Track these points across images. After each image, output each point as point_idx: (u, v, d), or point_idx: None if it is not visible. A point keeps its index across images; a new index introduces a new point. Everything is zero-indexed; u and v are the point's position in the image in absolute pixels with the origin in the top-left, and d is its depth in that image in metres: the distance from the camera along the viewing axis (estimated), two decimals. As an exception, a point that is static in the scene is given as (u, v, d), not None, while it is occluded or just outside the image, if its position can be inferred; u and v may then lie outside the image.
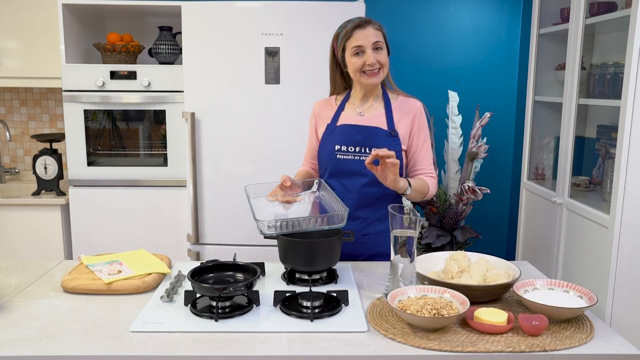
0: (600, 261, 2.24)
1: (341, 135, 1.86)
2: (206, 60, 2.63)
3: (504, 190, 3.45)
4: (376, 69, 1.79)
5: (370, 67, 1.78)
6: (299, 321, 1.36)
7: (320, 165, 1.96)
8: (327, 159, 1.89)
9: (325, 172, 1.92)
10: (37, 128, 3.38)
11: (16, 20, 2.93)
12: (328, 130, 1.90)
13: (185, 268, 1.75)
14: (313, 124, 1.99)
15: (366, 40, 1.77)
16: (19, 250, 2.88)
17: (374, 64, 1.77)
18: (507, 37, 3.29)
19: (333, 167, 1.88)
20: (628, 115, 2.07)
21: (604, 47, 2.66)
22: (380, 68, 1.80)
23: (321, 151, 1.92)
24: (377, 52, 1.78)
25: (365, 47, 1.77)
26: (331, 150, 1.87)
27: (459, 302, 1.36)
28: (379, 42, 1.78)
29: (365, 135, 1.82)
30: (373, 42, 1.77)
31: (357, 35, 1.77)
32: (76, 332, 1.30)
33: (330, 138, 1.88)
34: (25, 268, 1.75)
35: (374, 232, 1.89)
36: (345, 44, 1.80)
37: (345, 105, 1.93)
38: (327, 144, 1.89)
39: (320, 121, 1.96)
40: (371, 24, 1.79)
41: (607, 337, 1.30)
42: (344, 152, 1.85)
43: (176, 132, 2.80)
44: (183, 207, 2.81)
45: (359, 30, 1.78)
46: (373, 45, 1.77)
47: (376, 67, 1.78)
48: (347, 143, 1.84)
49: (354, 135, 1.84)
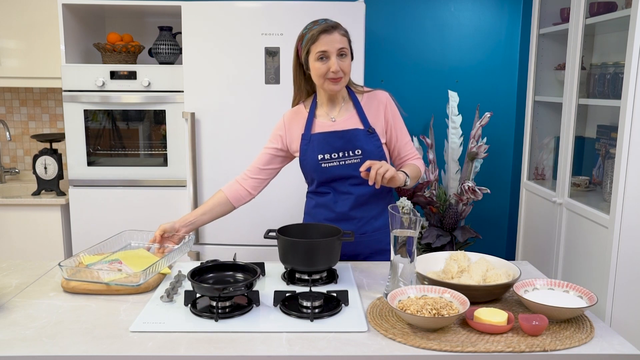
0: (600, 261, 2.24)
1: (321, 144, 1.83)
2: (206, 60, 2.63)
3: (504, 190, 3.45)
4: (339, 76, 1.76)
5: (334, 74, 1.74)
6: (299, 321, 1.36)
7: (305, 176, 1.94)
8: (312, 170, 1.86)
9: (313, 182, 1.90)
10: (37, 128, 3.38)
11: (16, 20, 2.93)
12: (304, 141, 1.86)
13: (185, 268, 1.75)
14: (281, 132, 1.91)
15: (331, 45, 1.73)
16: (19, 250, 2.88)
17: (338, 71, 1.74)
18: (507, 37, 3.30)
19: (320, 177, 1.86)
20: (628, 115, 2.07)
21: (604, 47, 2.66)
22: (342, 76, 1.77)
23: (303, 162, 1.88)
24: (341, 59, 1.75)
25: (330, 53, 1.73)
26: (314, 161, 1.84)
27: (459, 302, 1.36)
28: (344, 49, 1.75)
29: (345, 140, 1.82)
30: (338, 49, 1.74)
31: (323, 40, 1.73)
32: (76, 332, 1.30)
33: (310, 148, 1.85)
34: (25, 268, 1.75)
35: (370, 231, 1.89)
36: (310, 48, 1.76)
37: (316, 112, 1.89)
38: (307, 155, 1.85)
39: (290, 133, 1.89)
40: (337, 29, 1.76)
41: (607, 337, 1.30)
42: (328, 159, 1.83)
43: (176, 132, 2.80)
44: (183, 207, 2.81)
45: (325, 35, 1.73)
46: (338, 51, 1.74)
47: (339, 74, 1.75)
48: (329, 150, 1.83)
49: (334, 141, 1.82)
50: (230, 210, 1.92)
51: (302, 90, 1.92)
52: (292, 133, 1.90)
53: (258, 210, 2.73)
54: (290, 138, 1.90)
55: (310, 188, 1.95)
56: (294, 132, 1.89)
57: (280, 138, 1.91)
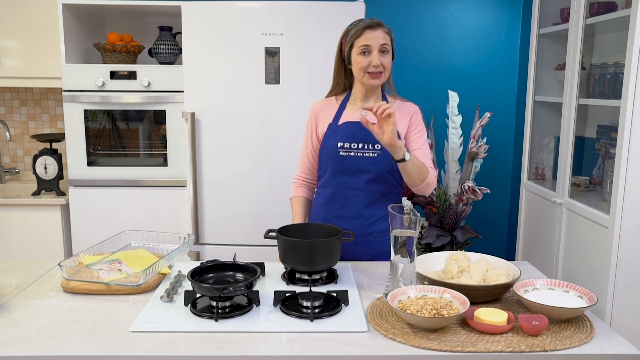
0: (600, 261, 2.24)
1: (344, 132, 1.87)
2: (206, 60, 2.63)
3: (504, 190, 3.45)
4: (379, 71, 1.81)
5: (375, 68, 1.80)
6: (299, 321, 1.36)
7: (320, 165, 1.95)
8: (329, 157, 1.88)
9: (327, 171, 1.91)
10: (37, 128, 3.38)
11: (16, 20, 2.93)
12: (330, 130, 1.90)
13: (185, 268, 1.75)
14: (312, 123, 1.98)
15: (374, 41, 1.79)
16: (19, 250, 2.88)
17: (378, 65, 1.80)
18: (507, 37, 3.30)
19: (335, 165, 1.87)
20: (628, 115, 2.07)
21: (604, 47, 2.66)
22: (382, 71, 1.82)
23: (322, 150, 1.92)
24: (383, 55, 1.81)
25: (372, 48, 1.79)
26: (333, 148, 1.87)
27: (459, 302, 1.36)
28: (385, 45, 1.81)
29: (367, 132, 1.82)
30: (381, 44, 1.80)
31: (367, 35, 1.80)
32: (76, 332, 1.30)
33: (333, 137, 1.88)
34: (25, 268, 1.75)
35: (377, 231, 1.89)
36: (354, 42, 1.82)
37: (347, 105, 1.94)
38: (329, 143, 1.89)
39: (320, 120, 1.95)
40: (382, 27, 1.83)
41: (607, 337, 1.30)
42: (347, 149, 1.86)
43: (176, 132, 2.79)
44: (183, 207, 2.81)
45: (369, 30, 1.80)
46: (380, 47, 1.80)
47: (380, 69, 1.81)
48: (350, 140, 1.86)
49: (357, 132, 1.85)
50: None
51: (340, 85, 1.97)
52: (322, 118, 1.95)
53: (258, 210, 2.73)
54: (320, 122, 1.95)
55: (320, 182, 1.96)
56: (323, 118, 1.95)
57: (314, 127, 1.97)
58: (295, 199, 2.03)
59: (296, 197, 2.03)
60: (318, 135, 1.96)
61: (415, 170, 1.76)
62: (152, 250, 1.85)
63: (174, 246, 1.80)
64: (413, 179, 1.77)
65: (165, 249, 1.85)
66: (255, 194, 2.72)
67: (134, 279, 1.52)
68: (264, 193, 2.72)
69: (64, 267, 1.55)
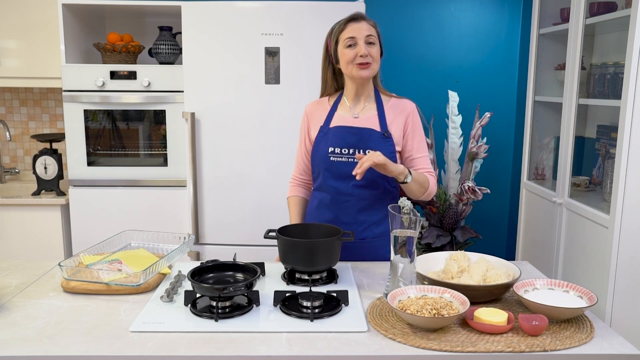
0: (600, 261, 2.24)
1: (335, 137, 1.84)
2: (206, 60, 2.63)
3: (504, 190, 3.45)
4: (367, 61, 1.77)
5: (362, 58, 1.76)
6: (299, 321, 1.36)
7: (313, 169, 1.94)
8: (321, 161, 1.86)
9: (319, 175, 1.89)
10: (37, 128, 3.38)
11: (16, 20, 2.93)
12: (321, 133, 1.88)
13: (185, 268, 1.74)
14: (305, 125, 1.96)
15: (359, 32, 1.77)
16: (19, 250, 2.88)
17: (366, 55, 1.76)
18: (507, 37, 3.30)
19: (327, 170, 1.85)
20: (628, 115, 2.07)
21: (604, 47, 2.66)
22: (371, 62, 1.78)
23: (314, 154, 1.89)
24: (370, 46, 1.78)
25: (357, 39, 1.77)
26: (324, 153, 1.84)
27: (459, 302, 1.36)
28: (371, 37, 1.78)
29: (358, 137, 1.81)
30: (366, 35, 1.77)
31: (351, 27, 1.78)
32: (76, 332, 1.30)
33: (324, 140, 1.86)
34: (25, 268, 1.75)
35: (370, 237, 1.86)
36: (339, 37, 1.80)
37: (338, 106, 1.90)
38: (320, 146, 1.86)
39: (312, 122, 1.93)
40: (365, 20, 1.80)
41: (607, 337, 1.30)
42: (338, 154, 1.83)
43: (176, 132, 2.79)
44: (183, 207, 2.81)
45: (353, 23, 1.79)
46: (366, 38, 1.77)
47: (368, 59, 1.77)
48: (341, 145, 1.82)
49: (348, 137, 1.82)
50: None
51: (329, 87, 1.95)
52: (313, 120, 1.93)
53: (258, 210, 2.73)
54: (312, 124, 1.94)
55: (315, 184, 1.95)
56: (315, 120, 1.93)
57: (307, 129, 1.96)
58: (292, 199, 2.02)
59: (293, 197, 2.02)
60: (310, 137, 1.94)
61: (417, 187, 1.77)
62: (152, 250, 1.85)
63: (174, 246, 1.80)
64: (415, 194, 1.78)
65: (165, 249, 1.85)
66: (255, 194, 2.72)
67: (134, 279, 1.52)
68: (264, 193, 2.72)
69: (64, 267, 1.55)
